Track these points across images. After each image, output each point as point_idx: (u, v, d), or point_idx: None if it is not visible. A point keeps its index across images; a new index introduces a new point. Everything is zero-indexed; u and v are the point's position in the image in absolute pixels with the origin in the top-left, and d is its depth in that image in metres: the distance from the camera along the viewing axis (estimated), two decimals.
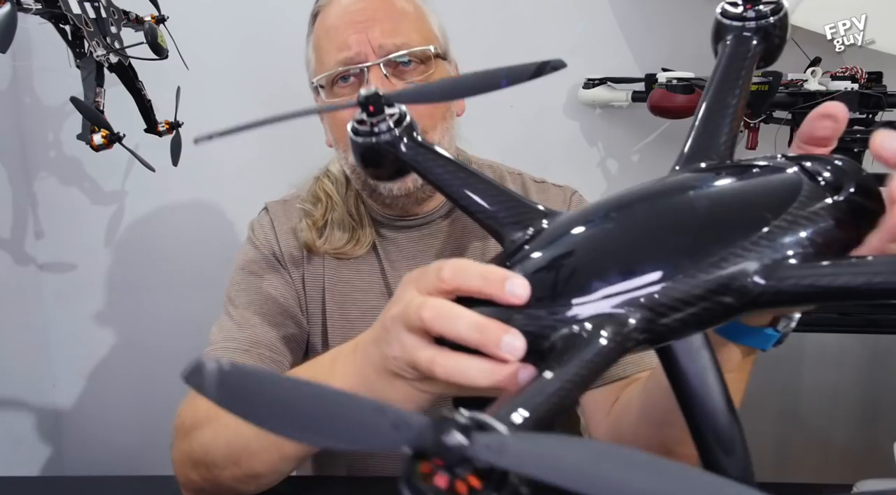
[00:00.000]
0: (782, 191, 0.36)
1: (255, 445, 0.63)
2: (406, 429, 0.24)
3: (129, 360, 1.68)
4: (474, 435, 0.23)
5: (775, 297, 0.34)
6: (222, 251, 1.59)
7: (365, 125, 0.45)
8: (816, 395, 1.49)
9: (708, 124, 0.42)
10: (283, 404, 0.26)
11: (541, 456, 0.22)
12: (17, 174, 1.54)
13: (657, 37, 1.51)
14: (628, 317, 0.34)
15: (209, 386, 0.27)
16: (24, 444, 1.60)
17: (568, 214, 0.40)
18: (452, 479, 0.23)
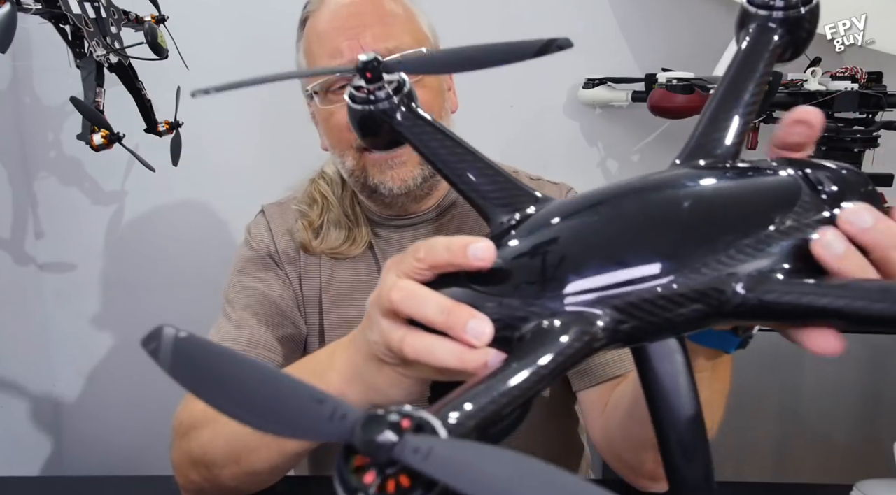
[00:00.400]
0: (778, 199, 0.35)
1: (255, 442, 0.63)
2: (340, 423, 0.24)
3: (128, 360, 1.68)
4: (405, 436, 0.23)
5: (754, 310, 0.32)
6: (222, 251, 1.59)
7: (362, 92, 0.44)
8: (816, 395, 1.49)
9: (716, 118, 0.40)
10: (230, 382, 0.26)
11: (464, 466, 0.21)
12: (17, 174, 1.54)
13: (657, 37, 1.51)
14: (598, 318, 0.33)
15: (164, 353, 0.27)
16: (24, 444, 1.60)
17: (557, 202, 0.39)
18: (382, 477, 0.23)
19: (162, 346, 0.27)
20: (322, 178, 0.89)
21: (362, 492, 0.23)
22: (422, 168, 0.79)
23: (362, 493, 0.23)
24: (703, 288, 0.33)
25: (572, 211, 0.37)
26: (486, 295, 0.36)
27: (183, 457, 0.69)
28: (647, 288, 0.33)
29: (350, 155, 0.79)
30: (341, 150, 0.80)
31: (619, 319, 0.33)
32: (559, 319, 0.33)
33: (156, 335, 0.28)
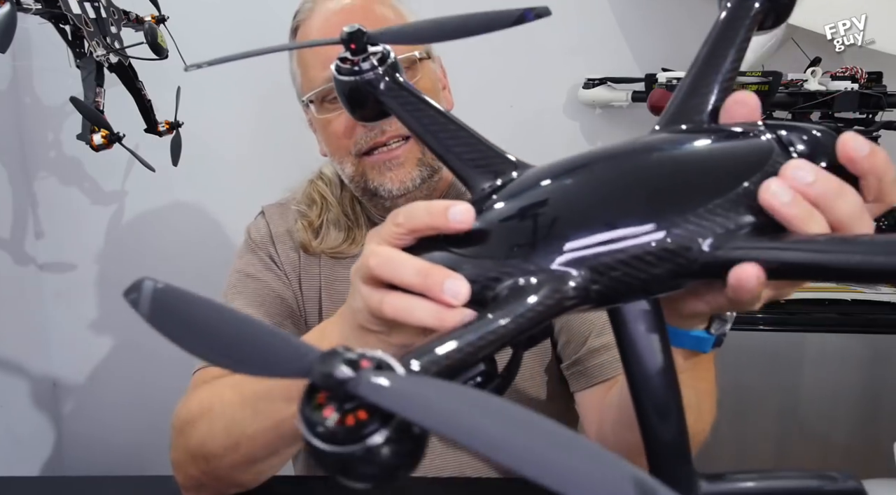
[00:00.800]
0: (749, 160, 0.35)
1: (252, 428, 0.63)
2: (301, 361, 0.25)
3: (128, 360, 1.68)
4: (362, 371, 0.24)
5: (721, 268, 0.33)
6: (222, 251, 1.59)
7: (347, 63, 0.44)
8: (816, 395, 1.49)
9: (696, 85, 0.40)
10: (205, 328, 0.27)
11: (418, 399, 0.22)
12: (17, 174, 1.54)
13: (657, 37, 1.51)
14: (570, 278, 0.34)
15: (143, 303, 0.29)
16: (24, 444, 1.60)
17: (535, 168, 0.40)
18: (341, 411, 0.24)
19: (142, 297, 0.29)
20: (320, 179, 0.89)
21: (321, 426, 0.24)
22: (420, 169, 0.79)
23: (321, 427, 0.24)
24: (672, 247, 0.33)
25: (549, 175, 0.38)
26: (464, 257, 0.37)
27: (181, 454, 0.69)
28: (617, 248, 0.34)
29: (349, 161, 0.80)
30: (340, 157, 0.81)
31: (591, 279, 0.34)
32: (532, 278, 0.34)
33: (136, 287, 0.29)
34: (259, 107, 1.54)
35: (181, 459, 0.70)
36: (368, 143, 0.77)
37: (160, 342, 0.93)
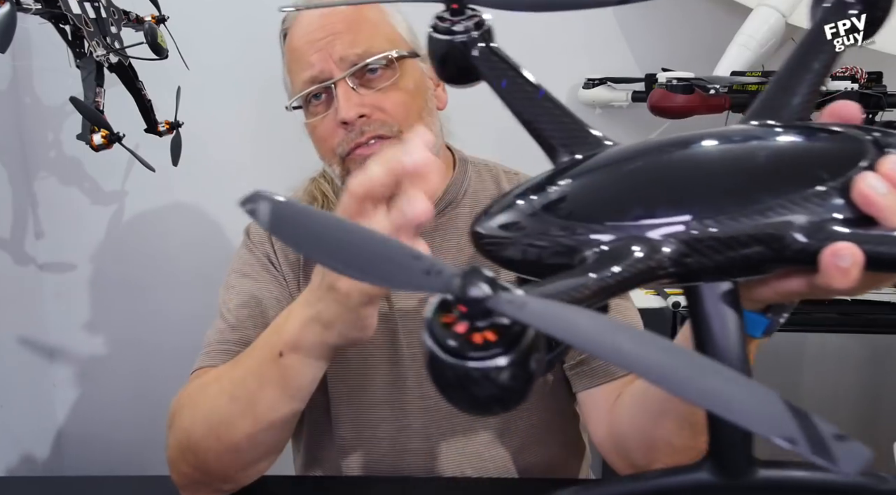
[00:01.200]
0: (844, 154, 0.36)
1: (229, 415, 0.64)
2: (437, 277, 0.25)
3: (128, 360, 1.68)
4: (499, 291, 0.24)
5: (811, 256, 0.34)
6: (222, 251, 1.59)
7: (445, 23, 0.45)
8: (816, 395, 1.49)
9: (783, 83, 0.41)
10: (328, 237, 0.28)
11: (557, 318, 0.23)
12: (17, 174, 1.54)
13: (657, 37, 1.51)
14: (663, 246, 0.34)
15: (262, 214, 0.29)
16: (24, 444, 1.60)
17: (629, 145, 0.41)
18: (471, 329, 0.25)
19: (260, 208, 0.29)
20: (322, 177, 0.89)
21: (451, 340, 0.25)
22: None
23: (452, 340, 0.25)
24: (765, 229, 0.34)
25: (644, 151, 0.39)
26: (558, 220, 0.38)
27: (174, 450, 0.70)
28: (710, 224, 0.34)
29: (335, 162, 0.80)
30: (328, 160, 0.81)
31: (685, 252, 0.34)
32: (630, 242, 0.35)
33: (254, 198, 0.30)
34: (259, 107, 1.54)
35: (173, 456, 0.70)
36: (350, 145, 0.77)
37: (160, 341, 0.93)
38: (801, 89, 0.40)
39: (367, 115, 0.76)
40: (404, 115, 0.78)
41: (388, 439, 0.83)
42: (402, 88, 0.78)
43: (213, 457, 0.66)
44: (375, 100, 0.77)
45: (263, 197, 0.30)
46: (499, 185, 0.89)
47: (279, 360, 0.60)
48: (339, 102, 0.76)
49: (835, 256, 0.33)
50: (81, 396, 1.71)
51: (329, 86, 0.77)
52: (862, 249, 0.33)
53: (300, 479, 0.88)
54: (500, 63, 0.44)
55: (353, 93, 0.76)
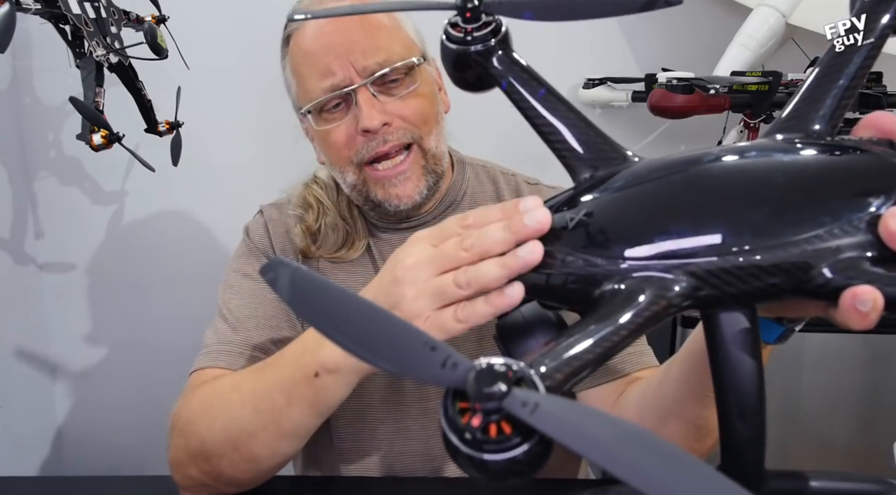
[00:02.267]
0: (875, 184, 0.34)
1: (251, 427, 0.64)
2: (452, 370, 0.26)
3: (128, 360, 1.68)
4: (513, 389, 0.25)
5: (833, 293, 0.32)
6: (221, 251, 1.59)
7: (460, 31, 0.42)
8: (816, 395, 1.49)
9: (815, 91, 0.38)
10: (345, 316, 0.28)
11: (569, 423, 0.23)
12: (17, 174, 1.54)
13: (657, 37, 1.51)
14: (675, 284, 0.33)
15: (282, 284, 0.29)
16: (24, 444, 1.60)
17: (646, 163, 0.39)
18: (486, 422, 0.25)
19: (279, 277, 0.29)
20: (315, 183, 0.88)
21: (468, 433, 0.25)
22: (426, 178, 0.79)
23: (468, 433, 0.25)
24: (789, 265, 0.33)
25: (662, 172, 0.37)
26: (567, 249, 0.37)
27: (181, 453, 0.70)
28: (731, 258, 0.33)
29: (350, 170, 0.79)
30: (341, 166, 0.80)
31: (697, 286, 0.33)
32: (638, 282, 0.34)
33: (273, 266, 0.30)
34: (259, 107, 1.54)
35: (180, 459, 0.70)
36: (370, 153, 0.77)
37: (160, 341, 0.93)
38: (830, 96, 0.38)
39: (389, 123, 0.76)
40: (423, 122, 0.78)
41: (386, 440, 0.83)
42: (421, 95, 0.78)
43: (228, 465, 0.66)
44: (396, 107, 0.76)
45: (282, 265, 0.30)
46: (496, 186, 0.89)
47: (314, 380, 0.60)
48: (361, 111, 0.75)
49: (855, 299, 0.31)
50: (81, 396, 1.71)
51: (348, 93, 0.76)
52: (884, 293, 0.31)
53: (300, 479, 0.88)
54: (520, 72, 0.42)
55: (375, 100, 0.76)
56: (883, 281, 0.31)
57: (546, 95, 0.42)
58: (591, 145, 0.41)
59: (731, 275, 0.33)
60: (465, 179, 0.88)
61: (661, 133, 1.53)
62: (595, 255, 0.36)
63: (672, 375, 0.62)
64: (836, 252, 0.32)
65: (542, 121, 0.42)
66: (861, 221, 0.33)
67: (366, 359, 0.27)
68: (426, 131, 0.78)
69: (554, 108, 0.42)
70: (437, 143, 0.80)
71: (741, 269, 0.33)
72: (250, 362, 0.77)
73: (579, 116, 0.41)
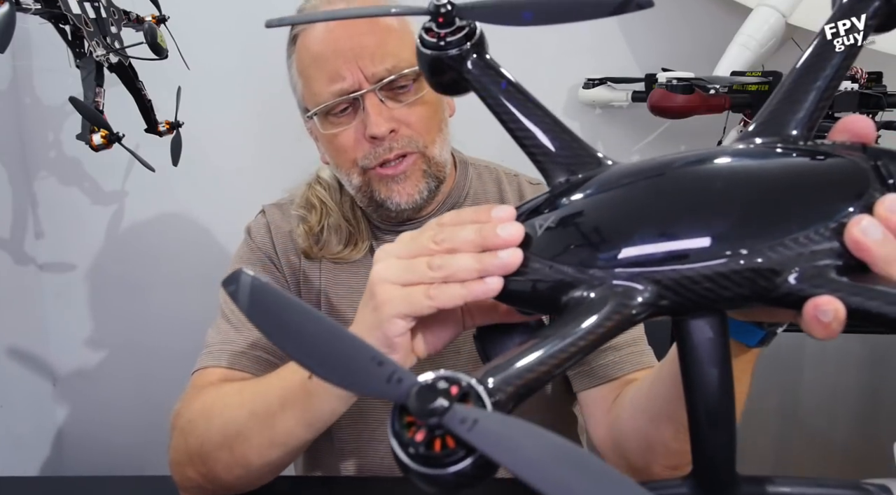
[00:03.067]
0: (844, 190, 0.33)
1: (246, 429, 0.64)
2: (397, 386, 0.26)
3: (128, 360, 1.68)
4: (454, 406, 0.25)
5: (798, 302, 0.32)
6: (222, 251, 1.59)
7: (433, 36, 0.42)
8: (816, 395, 1.49)
9: (794, 91, 0.38)
10: (299, 331, 0.28)
11: (505, 441, 0.24)
12: (17, 174, 1.54)
13: (657, 37, 1.51)
14: (638, 293, 0.33)
15: (242, 296, 0.30)
16: (24, 444, 1.60)
17: (617, 168, 0.39)
18: (430, 436, 0.25)
19: (240, 289, 0.30)
20: (318, 183, 0.88)
21: (413, 447, 0.26)
22: (426, 181, 0.79)
23: (412, 448, 0.26)
24: (753, 274, 0.32)
25: (631, 178, 0.37)
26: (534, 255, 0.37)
27: (180, 454, 0.70)
28: (695, 266, 0.33)
29: (355, 173, 0.79)
30: (346, 170, 0.80)
31: (661, 295, 0.33)
32: (603, 291, 0.34)
33: (235, 278, 0.30)
34: (259, 107, 1.54)
35: (180, 459, 0.70)
36: (378, 159, 0.77)
37: (160, 341, 0.93)
38: (809, 96, 0.38)
39: (396, 129, 0.76)
40: (427, 130, 0.78)
41: (386, 441, 0.83)
42: (427, 102, 0.78)
43: (223, 468, 0.67)
44: (403, 114, 0.76)
45: (244, 277, 0.30)
46: (499, 187, 0.89)
47: (306, 384, 0.60)
48: (369, 117, 0.75)
49: (816, 309, 0.31)
50: (81, 396, 1.71)
51: (356, 98, 0.76)
52: (847, 303, 0.31)
53: (300, 479, 0.88)
54: (495, 77, 0.42)
55: (383, 106, 0.76)
56: (846, 290, 0.31)
57: (522, 100, 0.42)
58: (566, 150, 0.41)
59: (696, 284, 0.33)
60: (468, 180, 0.88)
61: (661, 133, 1.53)
62: (561, 262, 0.36)
63: (662, 376, 0.62)
64: (801, 260, 0.32)
65: (517, 126, 0.42)
66: (827, 229, 0.32)
67: (318, 374, 0.28)
68: (430, 140, 0.78)
69: (530, 113, 0.41)
70: (441, 151, 0.80)
71: (705, 278, 0.33)
72: (253, 362, 0.77)
73: (555, 121, 0.41)
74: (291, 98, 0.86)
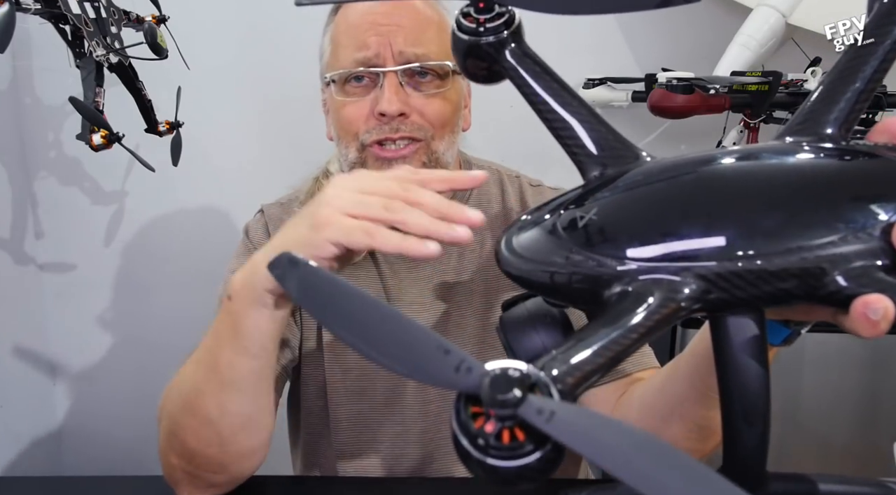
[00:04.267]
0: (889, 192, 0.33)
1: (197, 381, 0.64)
2: (466, 374, 0.25)
3: (128, 360, 1.68)
4: (529, 396, 0.24)
5: (845, 301, 0.31)
6: (222, 251, 1.58)
7: (472, 21, 0.41)
8: (816, 396, 1.49)
9: (830, 93, 0.38)
10: (357, 316, 0.27)
11: (584, 432, 0.23)
12: (17, 174, 1.54)
13: (657, 37, 1.51)
14: (685, 285, 0.33)
15: (290, 281, 0.29)
16: (24, 444, 1.60)
17: (658, 162, 0.38)
18: (499, 428, 0.25)
19: (287, 275, 0.29)
20: (326, 177, 0.88)
21: (481, 438, 0.25)
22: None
23: (481, 439, 0.25)
24: (801, 270, 0.32)
25: (674, 172, 0.36)
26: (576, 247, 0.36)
27: (163, 443, 0.70)
28: (742, 262, 0.32)
29: (353, 147, 0.79)
30: (346, 142, 0.80)
31: (707, 289, 0.33)
32: (647, 284, 0.33)
33: (280, 262, 0.29)
34: (259, 106, 1.54)
35: (163, 448, 0.70)
36: (380, 136, 0.76)
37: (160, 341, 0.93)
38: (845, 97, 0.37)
39: (407, 114, 0.76)
40: (440, 124, 0.78)
41: (387, 443, 0.83)
42: (447, 99, 0.78)
43: (192, 436, 0.65)
44: (419, 103, 0.76)
45: (292, 261, 0.29)
46: (501, 187, 0.89)
47: (228, 306, 0.59)
48: (384, 94, 0.75)
49: (866, 308, 0.31)
50: (81, 396, 1.71)
51: (378, 73, 0.76)
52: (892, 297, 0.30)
53: (300, 479, 0.88)
54: (533, 66, 0.41)
55: (401, 89, 0.76)
56: (893, 290, 0.31)
57: (559, 90, 0.41)
58: (602, 143, 0.40)
59: (742, 279, 0.32)
60: None
61: (661, 133, 1.53)
62: (604, 255, 0.35)
63: (676, 375, 0.62)
64: (848, 259, 0.32)
65: (553, 116, 0.40)
66: (874, 228, 0.32)
67: (377, 361, 0.27)
68: (439, 134, 0.78)
69: (567, 104, 0.40)
70: (446, 151, 0.80)
71: (752, 273, 0.32)
72: None
73: (591, 113, 0.41)
74: (291, 98, 0.86)
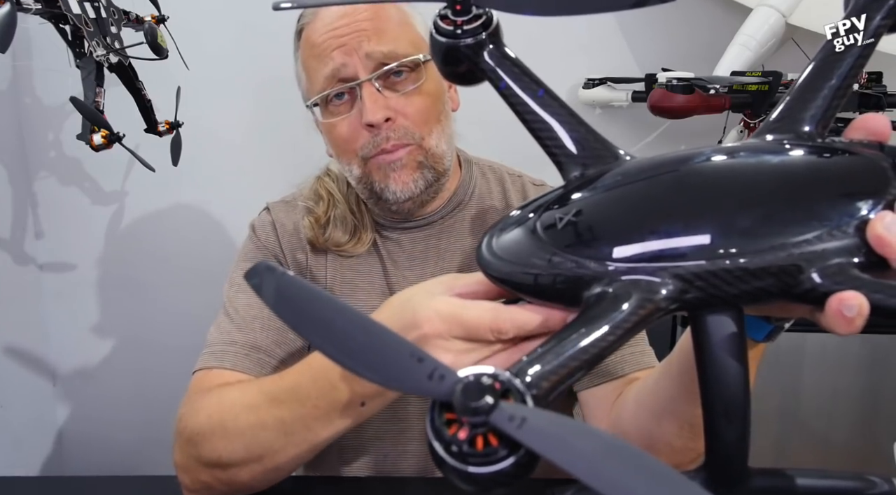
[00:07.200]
0: (865, 188, 0.33)
1: (280, 445, 0.63)
2: (439, 382, 0.26)
3: (128, 360, 1.68)
4: (500, 403, 0.25)
5: (821, 298, 0.31)
6: (222, 251, 1.59)
7: (449, 24, 0.41)
8: (816, 395, 1.49)
9: (806, 91, 0.38)
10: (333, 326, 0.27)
11: (555, 439, 0.23)
12: (17, 174, 1.54)
13: (657, 37, 1.51)
14: (663, 286, 0.33)
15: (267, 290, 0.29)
16: (24, 444, 1.60)
17: (636, 162, 0.38)
18: (472, 434, 0.25)
19: (265, 283, 0.29)
20: (327, 176, 0.89)
21: (454, 445, 0.25)
22: (422, 172, 0.79)
23: (454, 445, 0.25)
24: (777, 268, 0.32)
25: (652, 172, 0.37)
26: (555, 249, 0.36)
27: (191, 461, 0.68)
28: (719, 261, 0.33)
29: (356, 163, 0.80)
30: (347, 159, 0.80)
31: (684, 289, 0.33)
32: (626, 285, 0.33)
33: (257, 271, 0.29)
34: (259, 106, 1.54)
35: (190, 465, 0.69)
36: (375, 149, 0.77)
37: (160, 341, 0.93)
38: (821, 95, 0.37)
39: (392, 118, 0.76)
40: (424, 121, 0.78)
41: (389, 440, 0.83)
42: (425, 92, 0.78)
43: (248, 474, 0.66)
44: (399, 104, 0.77)
45: (268, 270, 0.29)
46: (503, 187, 0.89)
47: (359, 409, 0.59)
48: (365, 105, 0.75)
49: (841, 304, 0.31)
50: (81, 396, 1.71)
51: (353, 86, 0.76)
52: (870, 299, 0.30)
53: (301, 479, 0.88)
54: (511, 67, 0.41)
55: (379, 95, 0.76)
56: (869, 286, 0.31)
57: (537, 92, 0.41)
58: (582, 143, 0.40)
59: (719, 279, 0.33)
60: (473, 179, 0.89)
61: (661, 133, 1.53)
62: (583, 256, 0.35)
63: (667, 374, 0.62)
64: (824, 257, 0.32)
65: (533, 117, 0.41)
66: (850, 226, 0.32)
67: (351, 369, 0.27)
68: (427, 131, 0.78)
69: (546, 105, 0.41)
70: (439, 143, 0.80)
71: (728, 273, 0.33)
72: (255, 364, 0.77)
73: (571, 113, 0.41)
74: (291, 98, 0.86)
